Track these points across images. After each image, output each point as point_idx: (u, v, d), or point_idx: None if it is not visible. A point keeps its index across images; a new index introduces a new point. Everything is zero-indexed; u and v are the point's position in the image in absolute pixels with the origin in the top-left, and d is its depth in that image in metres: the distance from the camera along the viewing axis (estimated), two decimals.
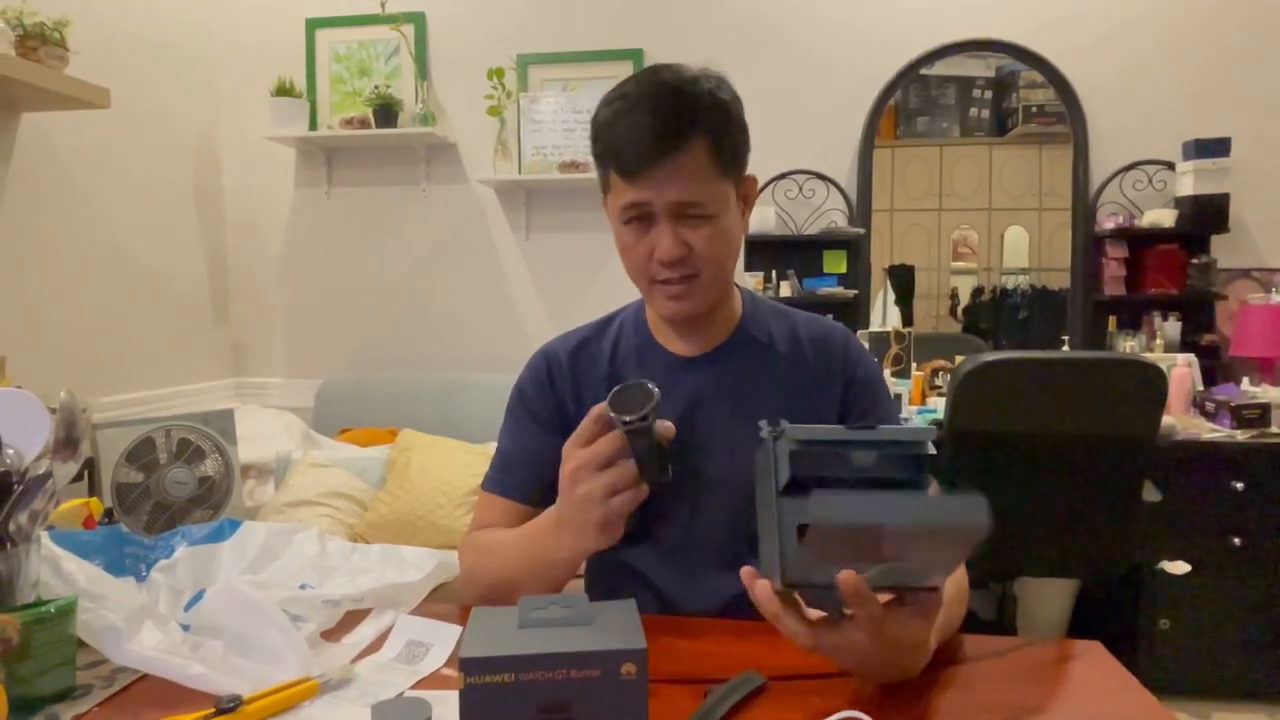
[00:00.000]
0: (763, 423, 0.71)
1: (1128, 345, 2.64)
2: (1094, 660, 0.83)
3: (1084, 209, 2.72)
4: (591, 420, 0.80)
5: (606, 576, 1.02)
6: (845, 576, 0.61)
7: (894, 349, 2.64)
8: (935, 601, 0.68)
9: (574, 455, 0.80)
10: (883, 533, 0.57)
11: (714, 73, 0.91)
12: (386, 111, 2.78)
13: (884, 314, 2.87)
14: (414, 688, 0.76)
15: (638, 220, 0.90)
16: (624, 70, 2.81)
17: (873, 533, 0.57)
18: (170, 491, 1.94)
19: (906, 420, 2.21)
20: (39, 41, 1.94)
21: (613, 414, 0.77)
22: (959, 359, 2.04)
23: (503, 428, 1.06)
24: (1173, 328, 2.64)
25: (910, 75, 2.76)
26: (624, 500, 0.79)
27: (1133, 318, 2.71)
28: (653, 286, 0.94)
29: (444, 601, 0.98)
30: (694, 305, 0.94)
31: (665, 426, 0.80)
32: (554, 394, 1.03)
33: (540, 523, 0.90)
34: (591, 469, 0.79)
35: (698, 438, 0.97)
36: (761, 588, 0.65)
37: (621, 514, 0.79)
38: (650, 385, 0.77)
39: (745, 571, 0.67)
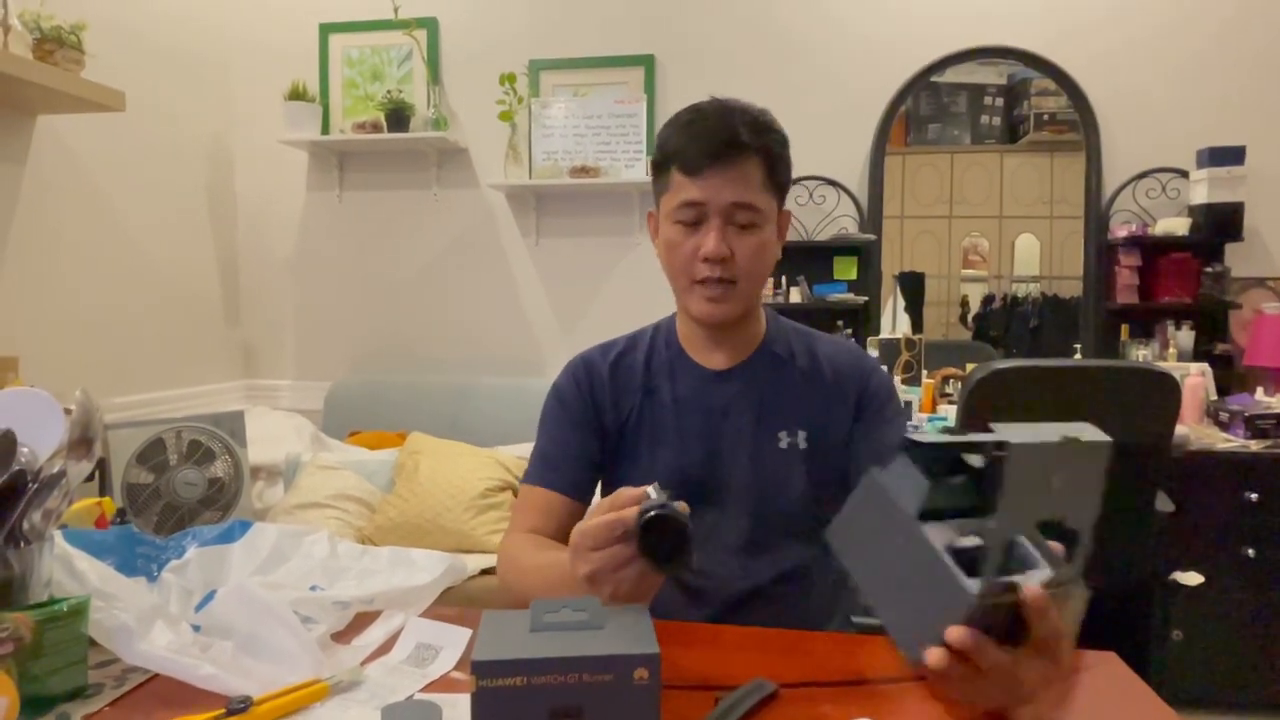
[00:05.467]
0: (872, 469, 0.63)
1: (1140, 354, 2.62)
2: (1110, 671, 0.82)
3: (1096, 217, 2.70)
4: (606, 526, 0.71)
5: None
6: (1030, 590, 0.57)
7: (904, 356, 2.63)
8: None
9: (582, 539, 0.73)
10: (1053, 456, 0.59)
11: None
12: (398, 116, 2.79)
13: (894, 321, 2.86)
14: (424, 690, 0.76)
15: (689, 221, 1.00)
16: (635, 76, 2.82)
17: (1043, 452, 0.59)
18: (180, 492, 1.94)
19: (915, 428, 2.20)
20: (56, 45, 1.96)
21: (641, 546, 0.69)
22: (970, 367, 2.03)
23: (540, 430, 1.13)
24: (1186, 337, 2.62)
25: (922, 82, 2.76)
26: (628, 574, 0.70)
27: (1145, 326, 2.69)
28: (692, 287, 1.02)
29: (454, 604, 0.98)
30: (728, 310, 1.02)
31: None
32: (593, 400, 1.10)
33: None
34: (586, 549, 0.72)
35: (724, 445, 1.05)
36: (954, 631, 0.56)
37: (630, 581, 0.70)
38: (689, 529, 0.69)
39: (934, 653, 0.57)
